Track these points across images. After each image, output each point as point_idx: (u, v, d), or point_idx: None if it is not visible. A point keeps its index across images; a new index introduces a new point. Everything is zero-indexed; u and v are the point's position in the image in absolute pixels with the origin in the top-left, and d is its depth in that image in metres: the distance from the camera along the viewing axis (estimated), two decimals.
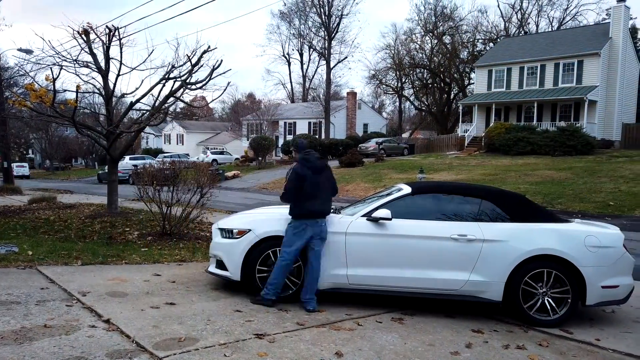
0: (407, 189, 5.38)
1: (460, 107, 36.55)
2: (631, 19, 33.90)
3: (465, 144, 32.42)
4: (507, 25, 47.41)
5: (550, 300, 4.85)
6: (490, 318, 5.03)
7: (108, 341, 3.75)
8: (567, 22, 45.21)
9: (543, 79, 30.63)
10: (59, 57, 10.85)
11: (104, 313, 4.39)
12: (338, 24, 42.53)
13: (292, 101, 57.49)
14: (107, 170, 12.85)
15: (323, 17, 42.40)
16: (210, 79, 10.52)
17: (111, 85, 11.33)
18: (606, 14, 39.97)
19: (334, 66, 43.73)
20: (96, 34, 11.13)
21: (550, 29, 43.88)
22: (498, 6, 73.73)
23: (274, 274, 4.90)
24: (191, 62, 10.54)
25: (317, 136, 40.49)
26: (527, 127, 28.56)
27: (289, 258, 4.90)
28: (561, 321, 4.82)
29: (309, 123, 44.96)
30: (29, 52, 17.99)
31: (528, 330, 4.73)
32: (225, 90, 11.50)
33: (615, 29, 29.40)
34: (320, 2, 42.21)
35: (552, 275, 4.82)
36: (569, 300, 4.81)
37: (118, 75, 11.18)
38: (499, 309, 5.11)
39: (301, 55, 55.47)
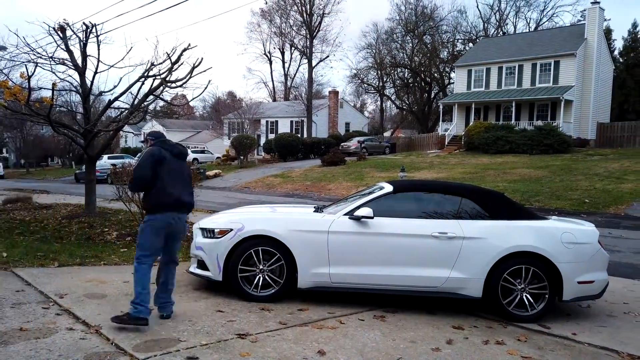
0: (388, 188, 5.42)
1: (441, 107, 36.97)
2: (605, 20, 34.76)
3: (446, 143, 32.81)
4: (486, 25, 48.18)
5: (528, 296, 4.95)
6: (470, 314, 5.11)
7: (87, 344, 3.68)
8: (544, 23, 46.20)
9: (521, 78, 31.20)
10: (34, 54, 10.58)
11: (82, 315, 4.31)
12: (320, 23, 42.56)
13: (274, 100, 57.29)
14: (84, 170, 12.60)
15: (304, 15, 42.34)
16: (190, 77, 10.39)
17: (88, 83, 11.11)
18: (581, 16, 40.91)
19: (315, 65, 43.78)
20: (73, 31, 10.90)
21: (527, 30, 44.72)
22: (477, 7, 74.82)
23: (137, 287, 4.09)
24: (171, 60, 10.40)
25: (299, 135, 40.45)
26: (505, 126, 29.05)
27: (148, 262, 4.17)
28: (539, 316, 4.92)
29: (291, 122, 44.89)
30: (2, 48, 17.47)
31: (507, 325, 4.82)
32: (205, 88, 11.40)
33: (590, 30, 30.10)
34: (302, 1, 42.14)
35: (530, 272, 4.92)
36: (547, 296, 4.92)
37: (95, 72, 10.96)
38: (479, 305, 5.19)
39: (283, 53, 55.35)
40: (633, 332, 4.75)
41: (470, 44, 45.11)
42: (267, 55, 56.91)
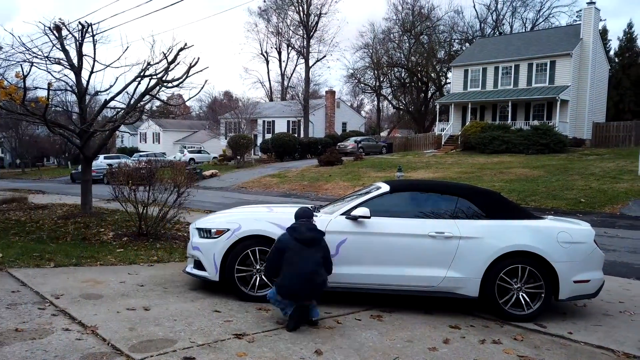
0: (385, 187, 5.42)
1: (437, 106, 37.02)
2: (601, 20, 34.91)
3: (442, 143, 32.86)
4: (482, 25, 48.29)
5: (524, 295, 4.96)
6: (467, 314, 5.12)
7: (83, 344, 3.67)
8: (540, 23, 46.32)
9: (517, 78, 31.28)
10: (30, 54, 10.54)
11: (78, 316, 4.30)
12: (317, 23, 42.55)
13: (271, 100, 57.23)
14: (80, 170, 12.55)
15: (302, 15, 42.33)
16: (187, 77, 10.38)
17: (84, 83, 11.09)
18: (577, 16, 41.14)
19: (312, 65, 43.76)
20: (68, 30, 10.88)
21: (523, 30, 44.84)
22: (474, 7, 75.25)
23: None
24: (167, 60, 10.38)
25: (296, 135, 40.43)
26: (502, 126, 29.13)
27: None
28: (535, 315, 4.93)
29: (288, 122, 44.86)
30: None
31: (503, 325, 4.83)
32: (202, 88, 11.39)
33: (585, 30, 30.20)
34: (299, 0, 42.14)
35: (526, 271, 4.94)
36: (543, 295, 4.93)
37: (91, 72, 10.94)
38: (476, 305, 5.20)
39: (279, 53, 55.31)
40: (629, 331, 4.77)
41: (467, 44, 45.18)
42: (264, 55, 56.93)
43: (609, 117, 34.38)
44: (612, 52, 39.08)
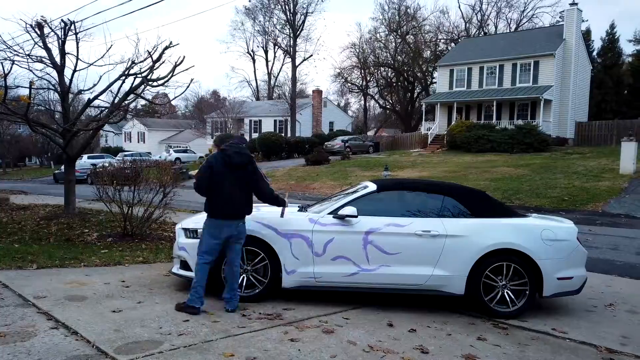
0: (372, 187, 5.44)
1: (423, 106, 37.28)
2: (583, 21, 35.49)
3: (429, 142, 33.10)
4: (467, 26, 48.75)
5: (509, 292, 5.02)
6: (453, 311, 5.16)
7: (67, 347, 3.62)
8: (524, 23, 46.90)
9: (502, 78, 31.64)
10: (11, 52, 10.33)
11: (62, 318, 4.23)
12: (303, 22, 42.56)
13: (258, 99, 57.03)
14: (63, 170, 12.36)
15: (288, 14, 42.28)
16: (172, 76, 10.27)
17: (67, 81, 10.91)
18: (560, 17, 41.71)
19: (299, 64, 43.75)
20: (51, 28, 10.69)
21: (508, 31, 45.37)
22: (459, 7, 75.86)
23: (196, 278, 4.60)
24: (152, 58, 10.27)
25: (283, 134, 40.35)
26: (487, 125, 29.44)
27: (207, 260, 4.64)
28: (520, 312, 5.00)
29: (275, 121, 44.75)
30: None
31: (489, 321, 4.88)
32: (188, 87, 11.25)
33: (568, 30, 30.67)
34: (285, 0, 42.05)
35: (511, 268, 5.00)
36: (527, 292, 5.00)
37: (74, 70, 10.76)
38: (462, 302, 5.25)
39: (266, 52, 55.16)
40: (611, 326, 4.86)
41: (453, 44, 45.57)
42: (250, 54, 56.71)
43: (591, 116, 34.97)
44: (594, 53, 39.74)
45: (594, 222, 12.04)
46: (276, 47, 50.78)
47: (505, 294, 5.01)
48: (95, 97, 10.93)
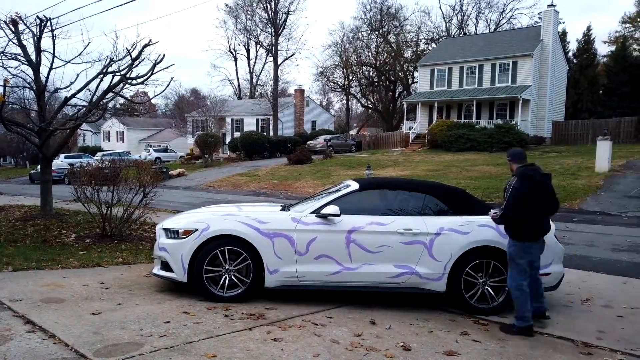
0: (355, 185, 5.46)
1: (405, 105, 37.55)
2: (560, 23, 36.21)
3: (410, 141, 33.37)
4: (448, 26, 49.25)
5: (489, 289, 5.10)
6: (435, 309, 5.22)
7: (44, 350, 3.54)
8: (503, 24, 47.59)
9: (481, 78, 32.09)
10: None
11: (39, 321, 4.14)
12: (285, 20, 42.36)
13: (239, 98, 56.63)
14: (40, 170, 12.07)
15: (270, 12, 42.06)
16: (152, 74, 10.14)
17: (43, 79, 10.67)
18: (538, 18, 42.43)
19: (281, 63, 43.52)
20: (26, 25, 10.44)
21: (487, 31, 46.01)
22: (440, 7, 76.54)
23: (519, 305, 4.53)
24: (131, 56, 10.12)
25: (265, 133, 40.17)
26: (467, 124, 29.85)
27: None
28: (500, 309, 5.08)
29: (257, 120, 44.52)
30: None
31: (469, 318, 4.95)
32: (168, 85, 11.10)
33: (545, 32, 31.27)
34: None
35: (490, 265, 5.08)
36: (507, 289, 5.08)
37: (51, 68, 10.54)
38: (443, 299, 5.31)
39: (248, 51, 54.77)
40: (588, 321, 4.98)
41: (433, 44, 46.01)
42: (232, 53, 56.24)
43: (567, 116, 35.72)
44: (570, 54, 40.58)
45: (571, 220, 12.31)
46: (258, 45, 50.51)
47: (486, 290, 5.09)
48: (73, 96, 10.71)
